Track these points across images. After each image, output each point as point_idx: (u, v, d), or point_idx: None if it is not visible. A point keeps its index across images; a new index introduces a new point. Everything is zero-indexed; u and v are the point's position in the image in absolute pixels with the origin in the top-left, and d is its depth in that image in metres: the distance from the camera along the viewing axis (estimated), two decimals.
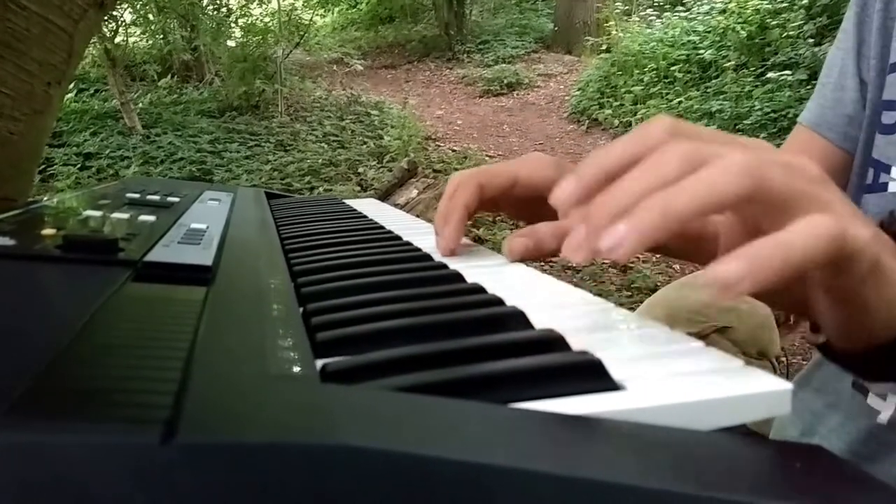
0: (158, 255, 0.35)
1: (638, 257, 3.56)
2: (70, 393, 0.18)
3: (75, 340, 0.21)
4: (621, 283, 3.24)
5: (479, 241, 3.65)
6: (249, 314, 0.28)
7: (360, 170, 5.13)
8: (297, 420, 0.17)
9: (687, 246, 0.43)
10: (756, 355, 1.94)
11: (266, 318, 0.28)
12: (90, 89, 6.97)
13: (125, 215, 0.49)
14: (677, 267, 3.36)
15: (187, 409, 0.17)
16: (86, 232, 0.39)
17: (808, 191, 0.25)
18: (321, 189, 4.80)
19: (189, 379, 0.18)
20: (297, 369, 0.22)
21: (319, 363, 0.24)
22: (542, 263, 3.37)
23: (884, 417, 0.55)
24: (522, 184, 0.47)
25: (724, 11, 6.07)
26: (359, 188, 4.79)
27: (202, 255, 0.36)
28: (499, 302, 0.31)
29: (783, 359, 2.03)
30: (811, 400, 0.63)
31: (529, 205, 0.48)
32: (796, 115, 0.68)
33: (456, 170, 5.24)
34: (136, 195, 0.63)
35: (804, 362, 2.12)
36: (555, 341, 0.26)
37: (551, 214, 0.48)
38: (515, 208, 0.51)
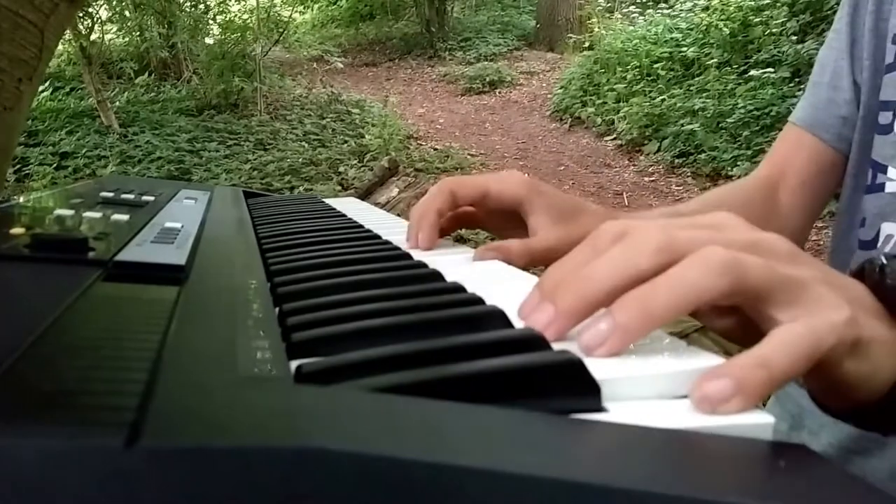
0: (130, 254, 0.34)
1: None
2: (31, 395, 0.17)
3: (39, 341, 0.20)
4: None
5: (461, 240, 3.64)
6: (222, 314, 0.27)
7: (341, 169, 5.11)
8: (268, 423, 0.16)
9: None
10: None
11: (239, 318, 0.27)
12: (66, 87, 6.86)
13: (98, 214, 0.48)
14: None
15: (153, 412, 0.16)
16: (56, 231, 0.38)
17: (783, 276, 0.26)
18: (302, 188, 4.76)
19: (156, 380, 0.17)
20: (269, 370, 0.21)
21: (294, 364, 0.24)
22: None
23: None
24: (493, 197, 0.50)
25: (707, 8, 6.10)
26: (339, 187, 4.76)
27: (175, 255, 0.35)
28: (478, 301, 0.31)
29: None
30: (800, 395, 0.63)
31: (502, 219, 0.52)
32: (779, 113, 0.69)
33: (438, 169, 5.23)
34: (110, 194, 0.61)
35: None
36: (535, 341, 0.25)
37: (521, 230, 0.50)
38: (490, 221, 0.54)
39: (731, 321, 0.29)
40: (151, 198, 0.63)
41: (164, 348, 0.20)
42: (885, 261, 0.29)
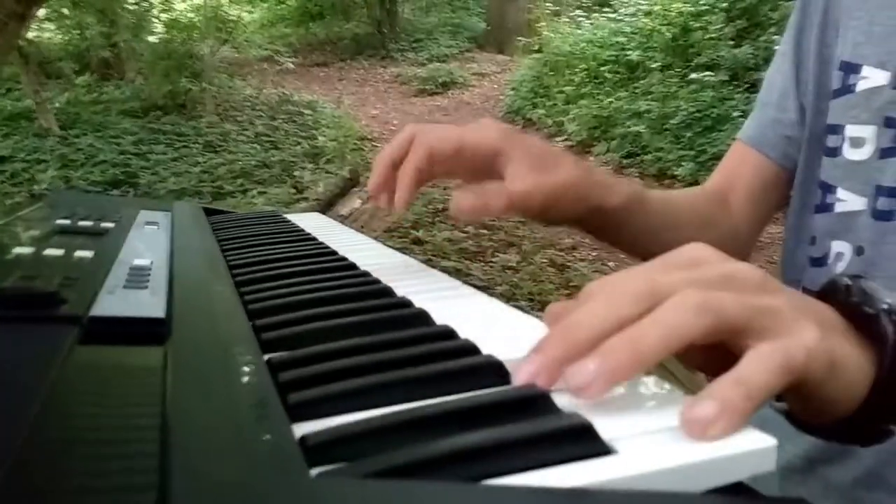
0: (105, 306, 0.32)
1: (574, 255, 3.63)
2: None
3: (32, 435, 0.19)
4: (559, 282, 3.29)
5: (418, 242, 3.63)
6: (214, 379, 0.26)
7: (296, 172, 5.03)
8: None
9: None
10: None
11: (232, 381, 0.26)
12: (1, 88, 6.55)
13: (59, 251, 0.45)
14: (612, 264, 3.45)
15: None
16: (18, 280, 0.36)
17: (757, 307, 0.27)
18: (255, 192, 4.67)
19: (169, 487, 0.16)
20: (276, 447, 0.21)
21: (298, 430, 0.23)
22: (485, 263, 3.39)
23: None
24: (469, 149, 0.49)
25: (649, 13, 6.24)
26: (294, 190, 4.69)
27: (153, 305, 0.33)
28: (473, 349, 0.31)
29: None
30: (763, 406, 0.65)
31: (475, 169, 0.50)
32: (720, 115, 0.71)
33: None
34: (67, 221, 0.59)
35: None
36: (539, 399, 0.25)
37: (495, 179, 0.49)
38: (466, 172, 0.53)
39: (713, 359, 0.30)
40: (111, 224, 0.60)
41: (167, 436, 0.19)
42: (849, 281, 0.31)
